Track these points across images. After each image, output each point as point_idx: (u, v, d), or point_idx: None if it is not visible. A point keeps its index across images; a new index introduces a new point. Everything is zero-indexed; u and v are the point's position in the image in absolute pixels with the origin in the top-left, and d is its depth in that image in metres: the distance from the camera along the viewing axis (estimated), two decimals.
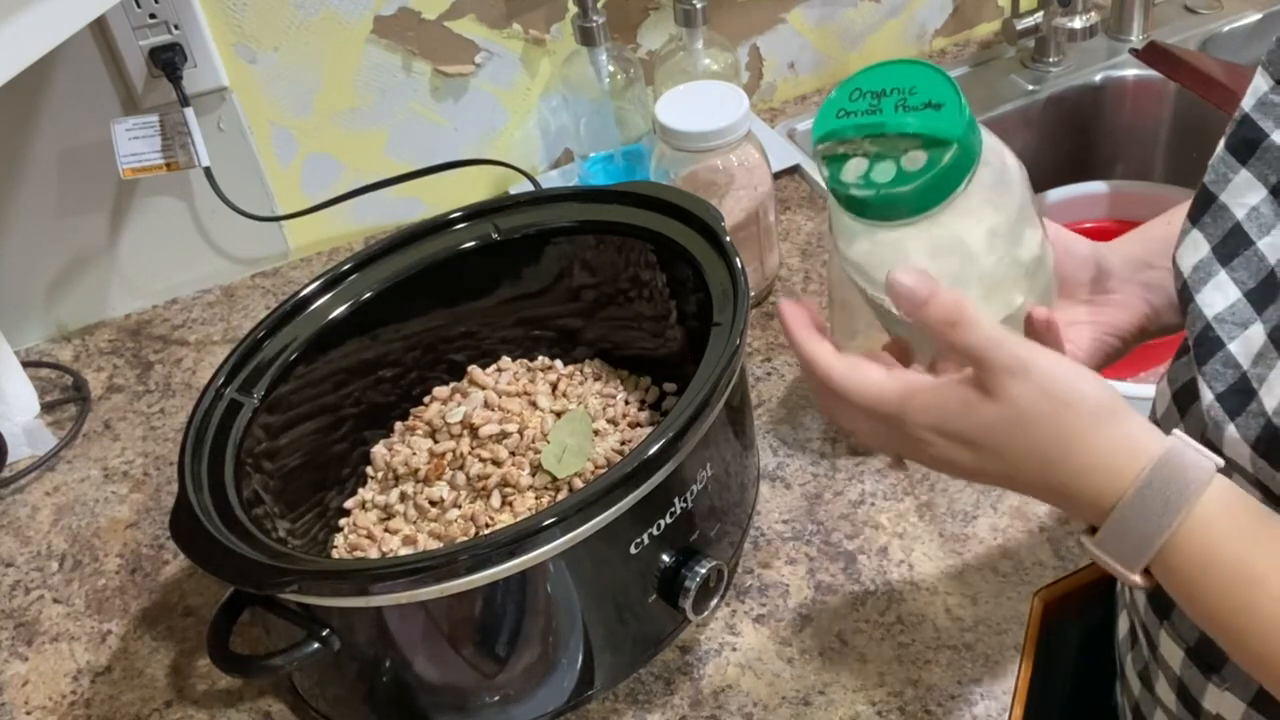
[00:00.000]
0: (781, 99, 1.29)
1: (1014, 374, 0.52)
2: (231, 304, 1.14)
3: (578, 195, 0.90)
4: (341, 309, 0.85)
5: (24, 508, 0.96)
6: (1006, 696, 0.74)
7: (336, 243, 1.19)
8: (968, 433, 0.54)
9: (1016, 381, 0.52)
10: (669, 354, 0.88)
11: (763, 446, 0.91)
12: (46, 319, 1.12)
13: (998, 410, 0.53)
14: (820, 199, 1.14)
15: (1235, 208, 0.56)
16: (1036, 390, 0.52)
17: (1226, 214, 0.57)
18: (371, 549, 0.80)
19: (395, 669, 0.71)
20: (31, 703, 0.82)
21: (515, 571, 0.66)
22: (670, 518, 0.71)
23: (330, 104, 1.11)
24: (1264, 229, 0.55)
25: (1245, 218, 0.56)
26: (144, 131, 1.03)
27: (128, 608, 0.88)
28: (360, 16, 1.07)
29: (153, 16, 1.00)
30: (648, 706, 0.76)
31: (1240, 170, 0.56)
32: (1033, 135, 1.26)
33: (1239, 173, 0.56)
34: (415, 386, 0.90)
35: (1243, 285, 0.55)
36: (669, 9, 1.10)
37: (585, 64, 1.07)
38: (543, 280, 0.90)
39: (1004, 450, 0.54)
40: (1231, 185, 0.57)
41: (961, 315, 0.53)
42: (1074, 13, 1.22)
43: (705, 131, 0.95)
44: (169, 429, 1.02)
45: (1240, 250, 0.55)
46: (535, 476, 0.79)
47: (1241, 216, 0.56)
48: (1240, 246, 0.55)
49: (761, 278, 1.03)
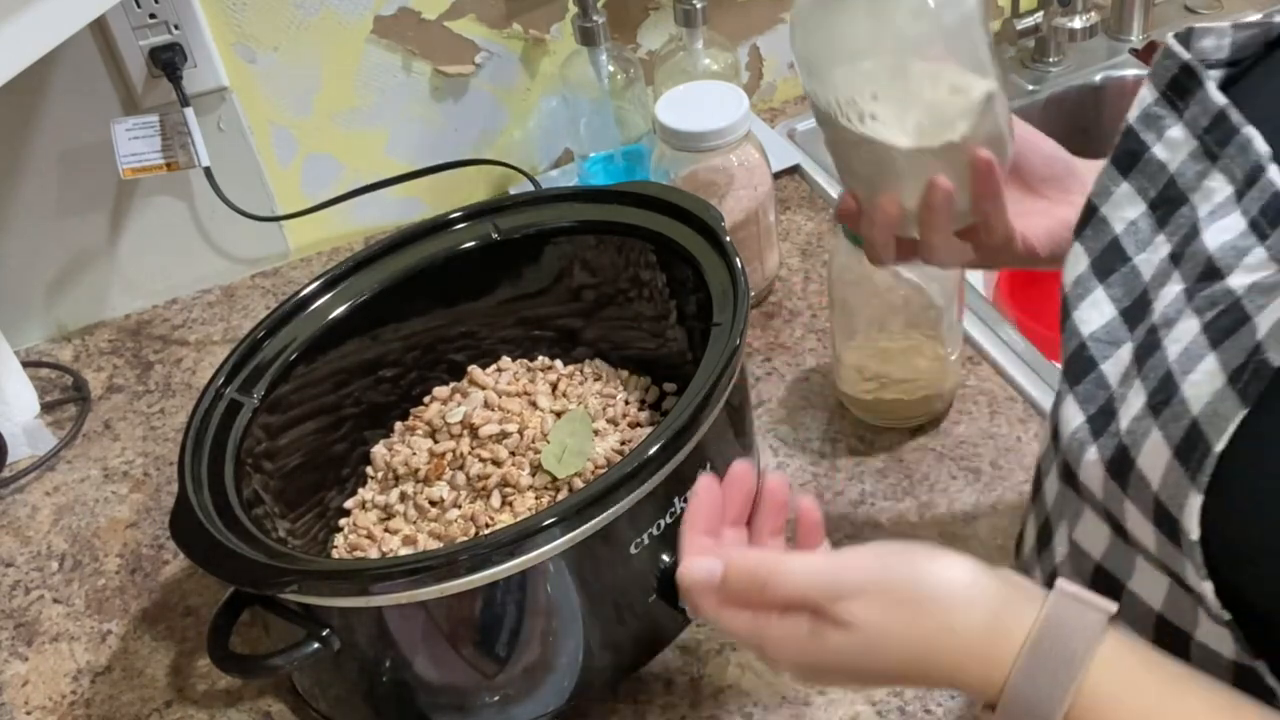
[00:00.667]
0: (781, 99, 1.29)
1: (851, 598, 0.50)
2: (231, 304, 1.14)
3: (578, 195, 0.90)
4: (341, 309, 0.85)
5: (24, 508, 0.96)
6: None
7: (336, 243, 1.19)
8: (834, 664, 0.52)
9: (856, 604, 0.50)
10: (669, 354, 0.88)
11: (763, 446, 0.91)
12: (46, 319, 1.12)
13: (848, 638, 0.51)
14: (820, 199, 1.14)
15: (1114, 221, 0.55)
16: (879, 606, 0.50)
17: (1106, 228, 0.55)
18: (371, 549, 0.80)
19: (395, 669, 0.71)
20: (31, 703, 0.82)
21: (515, 571, 0.66)
22: (670, 518, 0.71)
23: (330, 104, 1.11)
24: (1140, 245, 0.53)
25: (1123, 232, 0.54)
26: (144, 131, 1.03)
27: (128, 608, 0.88)
28: (360, 16, 1.07)
29: (153, 16, 1.00)
30: (648, 706, 0.76)
31: (1122, 183, 0.55)
32: None
33: (1120, 185, 0.55)
34: (415, 386, 0.90)
35: (1118, 303, 0.53)
36: (669, 9, 1.10)
37: (585, 64, 1.07)
38: (543, 280, 0.90)
39: (877, 668, 0.51)
40: (1112, 198, 0.55)
41: (765, 573, 0.52)
42: (1074, 13, 1.22)
43: (705, 131, 0.95)
44: (169, 429, 1.02)
45: (1117, 266, 0.54)
46: (535, 476, 0.79)
47: (1119, 231, 0.54)
48: (1117, 262, 0.54)
49: (761, 278, 1.03)
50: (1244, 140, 0.49)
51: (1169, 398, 0.46)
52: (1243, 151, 0.49)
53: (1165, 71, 0.53)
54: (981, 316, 0.99)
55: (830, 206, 1.13)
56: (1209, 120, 0.51)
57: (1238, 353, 0.44)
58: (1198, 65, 0.52)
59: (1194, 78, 0.52)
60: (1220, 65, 0.53)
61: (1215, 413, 0.44)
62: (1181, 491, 0.45)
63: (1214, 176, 0.50)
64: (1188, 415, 0.45)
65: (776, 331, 1.01)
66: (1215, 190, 0.50)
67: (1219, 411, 0.44)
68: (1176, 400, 0.45)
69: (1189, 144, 0.52)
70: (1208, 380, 0.44)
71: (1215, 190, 0.50)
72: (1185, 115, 0.52)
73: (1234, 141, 0.49)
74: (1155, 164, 0.53)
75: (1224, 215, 0.48)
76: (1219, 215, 0.48)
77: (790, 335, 1.01)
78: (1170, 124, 0.53)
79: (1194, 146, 0.52)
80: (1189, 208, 0.51)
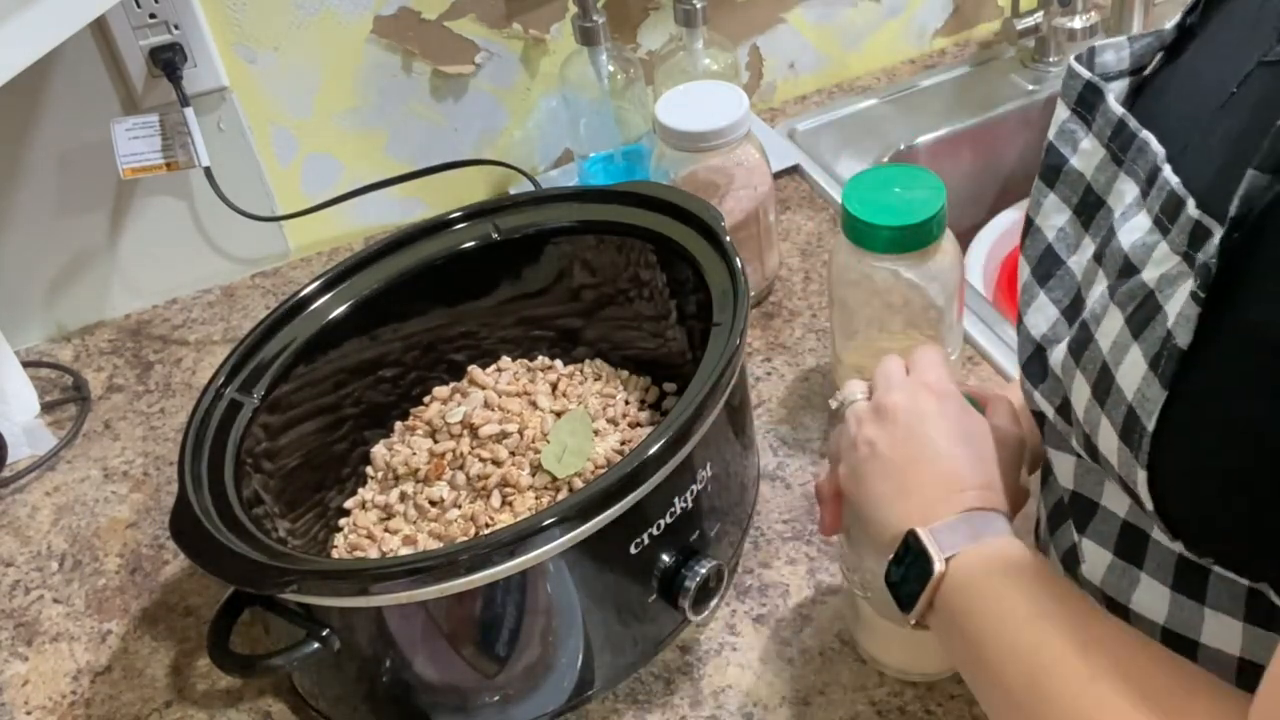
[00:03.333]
0: (781, 99, 1.29)
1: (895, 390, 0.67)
2: (231, 304, 1.14)
3: (578, 195, 0.90)
4: (341, 309, 0.85)
5: (24, 508, 0.97)
6: None
7: (336, 243, 1.19)
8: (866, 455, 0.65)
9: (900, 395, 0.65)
10: (669, 354, 0.88)
11: (763, 446, 0.91)
12: (46, 319, 1.12)
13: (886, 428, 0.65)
14: (820, 199, 1.15)
15: (1046, 230, 0.59)
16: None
17: (1040, 236, 0.60)
18: (371, 549, 0.80)
19: (395, 669, 0.71)
20: (31, 703, 0.82)
21: (515, 571, 0.66)
22: (670, 518, 0.71)
23: (330, 104, 1.11)
24: (1070, 249, 0.58)
25: (1055, 239, 0.59)
26: (144, 131, 1.03)
27: (128, 608, 0.88)
28: (360, 16, 1.07)
29: (153, 16, 1.00)
30: (648, 706, 0.76)
31: (1049, 194, 0.59)
32: (1033, 135, 1.26)
33: (1048, 197, 0.59)
34: (415, 386, 0.90)
35: (1059, 304, 0.58)
36: (669, 9, 1.10)
37: (585, 64, 1.07)
38: (543, 280, 0.90)
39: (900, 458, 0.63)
40: (1042, 209, 0.60)
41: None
42: (1074, 13, 1.22)
43: (705, 131, 0.95)
44: (169, 429, 1.02)
45: (1054, 270, 0.59)
46: (535, 476, 0.79)
47: (1051, 238, 0.59)
48: (1054, 266, 0.59)
49: (761, 278, 1.03)
50: (1142, 143, 0.53)
51: (1109, 387, 0.50)
52: (1142, 154, 0.53)
53: (1072, 90, 0.59)
54: (981, 316, 0.99)
55: (830, 207, 1.13)
56: (1111, 129, 0.56)
57: (1154, 342, 0.48)
58: (1099, 81, 0.57)
59: (1097, 93, 0.57)
60: (1124, 75, 0.58)
61: (1144, 397, 0.48)
62: (1132, 470, 0.50)
63: (1123, 180, 0.54)
64: (1125, 402, 0.49)
65: (776, 331, 1.01)
66: (1125, 192, 0.54)
67: (1147, 395, 0.48)
68: (1115, 389, 0.50)
69: (1099, 153, 0.57)
70: (1133, 369, 0.49)
71: (1125, 192, 0.54)
72: (1094, 127, 0.57)
73: (1134, 145, 0.54)
74: (1074, 174, 0.58)
75: (1133, 215, 0.52)
76: (1129, 215, 0.52)
77: (790, 335, 1.01)
78: (1081, 136, 0.58)
79: (1103, 155, 0.56)
80: (1106, 210, 0.55)
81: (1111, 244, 0.53)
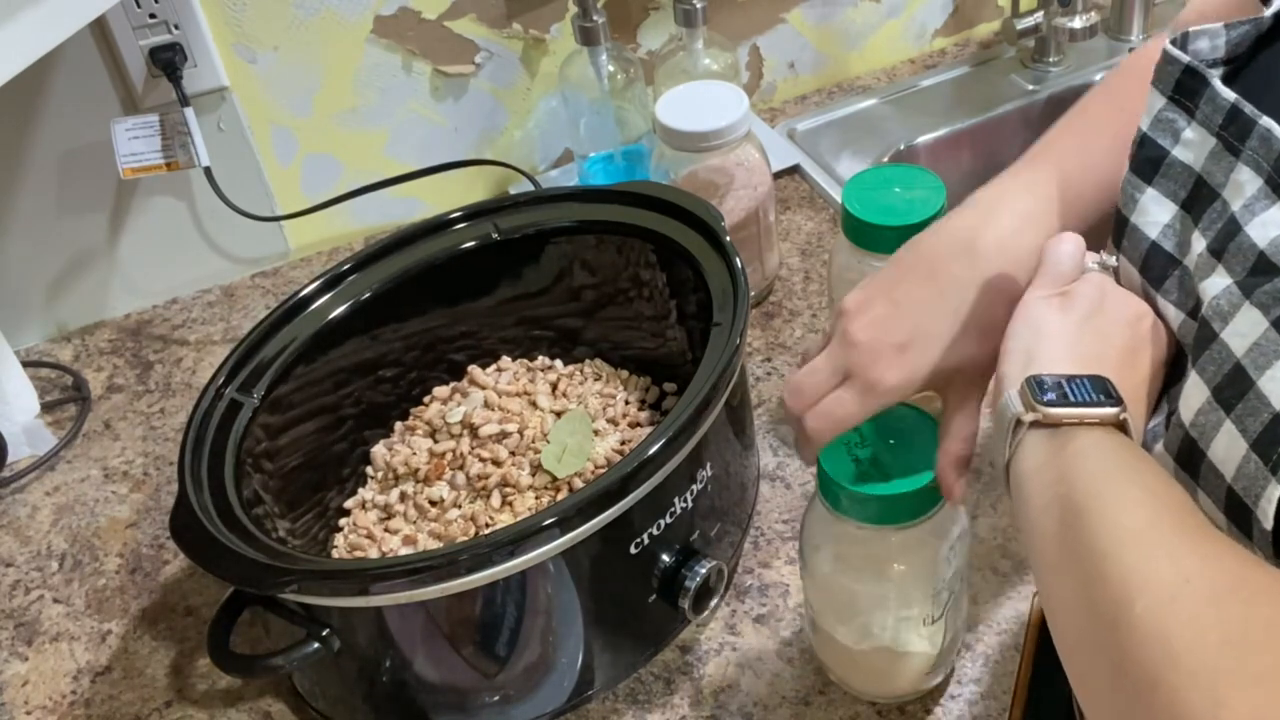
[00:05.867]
0: (781, 99, 1.29)
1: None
2: (231, 304, 1.14)
3: (578, 195, 0.90)
4: (341, 309, 0.85)
5: (24, 508, 0.97)
6: (1006, 696, 0.74)
7: (336, 243, 1.19)
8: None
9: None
10: (669, 354, 0.88)
11: (763, 446, 0.91)
12: (46, 319, 1.12)
13: None
14: (820, 199, 1.14)
15: (1146, 227, 0.56)
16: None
17: (1139, 235, 0.57)
18: (371, 549, 0.80)
19: (395, 669, 0.71)
20: (31, 703, 0.82)
21: (515, 571, 0.66)
22: (670, 518, 0.71)
23: (330, 104, 1.11)
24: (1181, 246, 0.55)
25: (1160, 236, 0.56)
26: (144, 131, 1.03)
27: (128, 608, 0.88)
28: (360, 16, 1.07)
29: (153, 16, 1.00)
30: (648, 706, 0.77)
31: (1146, 189, 0.56)
32: (1033, 135, 1.25)
33: (1145, 192, 0.56)
34: (415, 386, 0.90)
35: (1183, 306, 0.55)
36: (669, 9, 1.10)
37: (585, 64, 1.07)
38: (543, 280, 0.90)
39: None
40: (1139, 206, 0.57)
41: None
42: (1074, 13, 1.22)
43: (705, 131, 0.95)
44: (169, 429, 1.02)
45: (1170, 271, 0.56)
46: (535, 476, 0.79)
47: (1155, 235, 0.56)
48: (1169, 267, 0.56)
49: (761, 278, 1.03)
50: (1264, 131, 0.50)
51: (1243, 392, 0.47)
52: (1265, 143, 0.50)
53: (1169, 76, 0.55)
54: None
55: (830, 207, 1.13)
56: (1223, 117, 0.52)
57: None
58: (1200, 66, 0.53)
59: (1199, 78, 0.53)
60: (1216, 64, 0.55)
61: None
62: (1259, 483, 0.46)
63: (1241, 170, 0.51)
64: (1269, 410, 0.45)
65: (776, 331, 1.01)
66: (1245, 183, 0.51)
67: None
68: (1253, 395, 0.46)
69: (1208, 142, 0.53)
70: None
71: (1245, 183, 0.51)
72: (1197, 115, 0.54)
73: (1254, 134, 0.50)
74: (1179, 166, 0.54)
75: (1264, 209, 0.49)
76: (1257, 209, 0.49)
77: (790, 335, 1.01)
78: (1183, 125, 0.54)
79: (1214, 144, 0.53)
80: (1220, 203, 0.52)
81: (1236, 238, 0.50)
